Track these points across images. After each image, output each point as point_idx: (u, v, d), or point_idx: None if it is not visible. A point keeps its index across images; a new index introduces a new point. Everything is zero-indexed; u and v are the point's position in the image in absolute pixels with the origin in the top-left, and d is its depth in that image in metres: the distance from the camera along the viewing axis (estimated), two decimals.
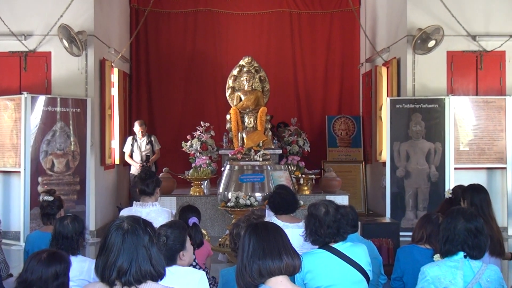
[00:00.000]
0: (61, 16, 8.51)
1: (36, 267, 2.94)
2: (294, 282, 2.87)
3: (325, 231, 3.53)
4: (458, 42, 8.84)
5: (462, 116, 8.64)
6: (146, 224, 2.59)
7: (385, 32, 10.41)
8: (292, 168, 8.98)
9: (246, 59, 9.64)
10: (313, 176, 9.13)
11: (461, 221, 3.18)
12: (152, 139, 9.67)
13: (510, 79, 8.88)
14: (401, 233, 6.59)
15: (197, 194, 8.80)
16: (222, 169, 8.58)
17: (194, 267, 4.01)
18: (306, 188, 8.92)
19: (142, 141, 9.51)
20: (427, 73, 8.86)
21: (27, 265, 2.99)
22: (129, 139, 9.60)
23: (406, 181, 8.61)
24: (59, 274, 2.95)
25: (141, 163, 9.20)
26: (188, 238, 3.53)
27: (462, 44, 8.87)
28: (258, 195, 7.45)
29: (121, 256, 2.44)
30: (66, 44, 8.35)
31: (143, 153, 9.41)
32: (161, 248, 3.19)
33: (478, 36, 8.81)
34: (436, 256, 3.46)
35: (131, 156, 9.48)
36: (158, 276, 2.53)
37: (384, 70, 10.19)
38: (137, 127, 9.57)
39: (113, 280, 2.43)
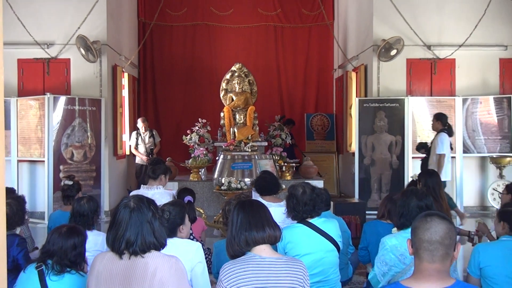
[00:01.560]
0: (79, 28, 8.47)
1: (57, 239, 2.93)
2: (276, 251, 2.89)
3: (303, 208, 3.56)
4: (415, 51, 8.88)
5: (419, 114, 8.70)
6: (150, 202, 2.60)
7: (354, 43, 10.43)
8: (276, 157, 9.01)
9: (237, 65, 9.63)
10: (294, 164, 9.16)
11: (413, 200, 3.22)
12: (154, 133, 9.63)
13: (459, 82, 8.94)
14: (367, 212, 6.66)
15: (196, 179, 8.81)
16: (217, 158, 8.61)
17: (192, 239, 4.03)
18: (288, 174, 8.95)
19: (145, 135, 9.47)
20: (389, 77, 8.90)
21: (49, 238, 2.98)
22: (134, 133, 9.55)
23: (371, 168, 8.68)
24: (77, 245, 2.96)
25: (146, 155, 9.17)
26: (186, 215, 3.54)
27: (419, 53, 8.91)
28: (247, 180, 7.49)
29: (129, 230, 2.45)
30: (83, 52, 8.31)
31: (147, 145, 9.38)
32: (164, 222, 3.20)
33: (432, 46, 8.87)
34: (394, 229, 3.51)
35: (136, 148, 9.44)
36: (160, 246, 2.54)
37: (353, 75, 10.22)
38: (140, 123, 9.51)
39: (122, 250, 2.44)
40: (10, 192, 3.95)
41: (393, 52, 8.57)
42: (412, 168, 8.36)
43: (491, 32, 8.82)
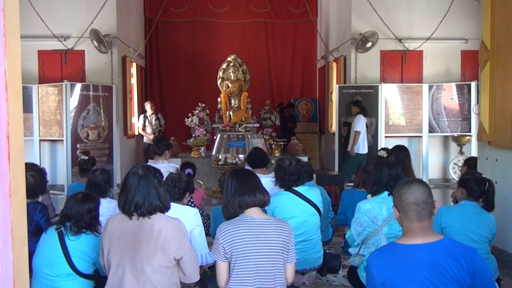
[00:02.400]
0: (92, 22, 8.33)
1: (74, 204, 2.93)
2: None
3: (289, 178, 3.58)
4: (388, 44, 8.83)
5: (391, 98, 8.70)
6: (156, 171, 2.60)
7: (335, 36, 10.36)
8: (266, 137, 9.00)
9: (232, 56, 9.54)
10: (282, 142, 9.17)
11: (385, 169, 3.23)
12: (159, 116, 9.56)
13: (426, 71, 8.92)
14: (345, 184, 6.70)
15: (196, 156, 8.79)
16: (215, 137, 8.57)
17: (192, 206, 4.04)
18: (277, 152, 8.94)
19: (152, 118, 9.40)
20: (365, 67, 8.87)
21: (67, 203, 2.98)
22: (141, 116, 9.45)
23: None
24: (91, 210, 2.95)
25: (153, 135, 9.12)
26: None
27: (391, 45, 8.86)
28: (241, 156, 7.48)
29: (137, 194, 2.45)
30: (96, 44, 8.20)
31: (153, 127, 9.31)
32: (182, 184, 3.22)
33: (403, 39, 8.82)
34: (368, 196, 3.53)
35: (143, 129, 9.37)
36: (165, 209, 2.55)
37: (334, 65, 10.18)
38: (148, 106, 9.43)
39: (131, 212, 2.46)
40: (32, 165, 3.93)
41: (369, 44, 8.52)
42: (385, 146, 8.38)
43: (454, 27, 8.78)
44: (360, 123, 7.78)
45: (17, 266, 0.88)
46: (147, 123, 9.35)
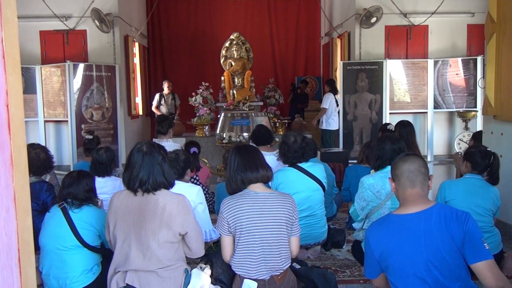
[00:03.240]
0: (93, 1, 8.23)
1: (70, 182, 2.97)
2: None
3: (293, 154, 3.58)
4: (393, 19, 8.69)
5: (395, 75, 8.61)
6: (160, 147, 2.60)
7: (339, 12, 10.21)
8: (270, 115, 8.98)
9: (235, 34, 9.46)
10: (286, 121, 9.15)
11: (388, 144, 3.22)
12: (175, 96, 9.55)
13: (431, 46, 8.80)
14: (349, 161, 6.67)
15: (201, 135, 8.80)
16: (219, 116, 8.55)
17: (198, 184, 4.06)
18: (281, 130, 8.95)
19: (168, 97, 9.40)
20: (370, 43, 8.76)
21: (63, 182, 3.01)
22: (157, 95, 9.43)
23: (354, 123, 8.65)
24: (88, 184, 3.00)
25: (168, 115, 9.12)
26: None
27: (396, 20, 8.72)
28: (245, 134, 7.48)
29: (141, 170, 2.46)
30: (98, 24, 8.13)
31: (169, 107, 9.32)
32: (180, 163, 3.23)
33: (408, 14, 8.68)
34: (372, 171, 3.53)
35: (157, 108, 9.36)
36: (169, 185, 2.56)
37: (338, 41, 10.06)
38: (165, 85, 9.39)
39: (136, 188, 2.47)
40: (35, 144, 3.95)
41: (373, 20, 8.39)
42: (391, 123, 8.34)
43: (460, 0, 8.62)
44: (327, 101, 8.35)
45: (21, 234, 0.90)
46: (162, 102, 9.37)
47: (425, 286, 2.02)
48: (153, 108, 9.43)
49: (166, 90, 9.35)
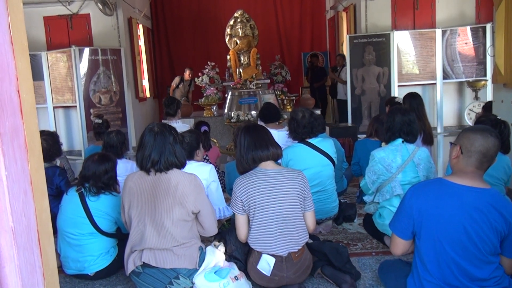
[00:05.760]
0: None
1: (91, 165, 2.98)
2: None
3: (302, 130, 3.57)
4: None
5: (403, 46, 8.49)
6: (171, 128, 2.62)
7: None
8: (278, 92, 8.92)
9: (239, 12, 9.34)
10: (293, 97, 9.10)
11: (398, 115, 3.20)
12: (192, 83, 9.72)
13: (439, 15, 8.64)
14: (358, 135, 6.65)
15: (209, 115, 8.79)
16: (226, 96, 8.53)
17: (207, 163, 4.07)
18: (289, 107, 8.90)
19: (187, 83, 9.56)
20: (376, 15, 8.61)
21: (84, 164, 3.04)
22: (177, 77, 9.65)
23: (362, 97, 8.60)
24: (108, 170, 3.01)
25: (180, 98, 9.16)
26: (200, 143, 3.57)
27: None
28: (253, 112, 7.46)
29: (154, 151, 2.49)
30: (101, 7, 8.08)
31: (184, 92, 9.49)
32: (185, 146, 3.25)
33: None
34: (383, 144, 3.52)
35: (174, 89, 9.51)
36: (181, 165, 2.59)
37: (344, 15, 9.91)
38: (187, 73, 9.62)
39: (148, 168, 2.50)
40: (42, 130, 3.99)
41: None
42: (398, 96, 8.27)
43: None
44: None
45: (40, 216, 0.92)
46: (181, 86, 9.52)
47: (450, 256, 2.07)
48: (170, 90, 9.55)
49: (187, 77, 9.55)
